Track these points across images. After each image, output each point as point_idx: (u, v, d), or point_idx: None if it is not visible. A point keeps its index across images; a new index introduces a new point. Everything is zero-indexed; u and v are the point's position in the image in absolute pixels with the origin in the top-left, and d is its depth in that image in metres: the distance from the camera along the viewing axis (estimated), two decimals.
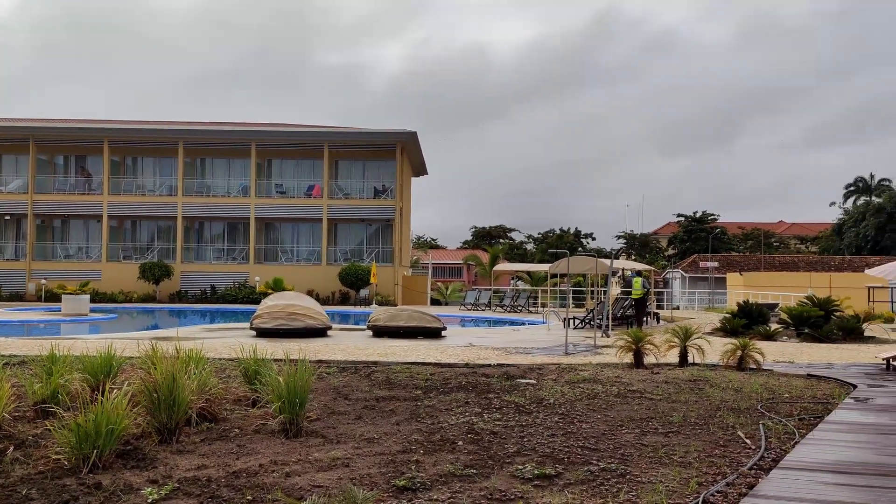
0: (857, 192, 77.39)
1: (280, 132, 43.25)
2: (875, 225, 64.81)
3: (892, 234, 63.34)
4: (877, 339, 19.34)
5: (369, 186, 43.81)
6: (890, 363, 12.93)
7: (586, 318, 21.97)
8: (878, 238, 64.13)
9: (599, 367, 12.72)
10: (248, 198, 42.38)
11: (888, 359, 13.05)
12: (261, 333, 18.09)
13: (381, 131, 42.41)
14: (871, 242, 64.36)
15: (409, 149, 43.60)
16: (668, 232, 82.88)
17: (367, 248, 43.60)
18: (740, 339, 13.85)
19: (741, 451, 6.92)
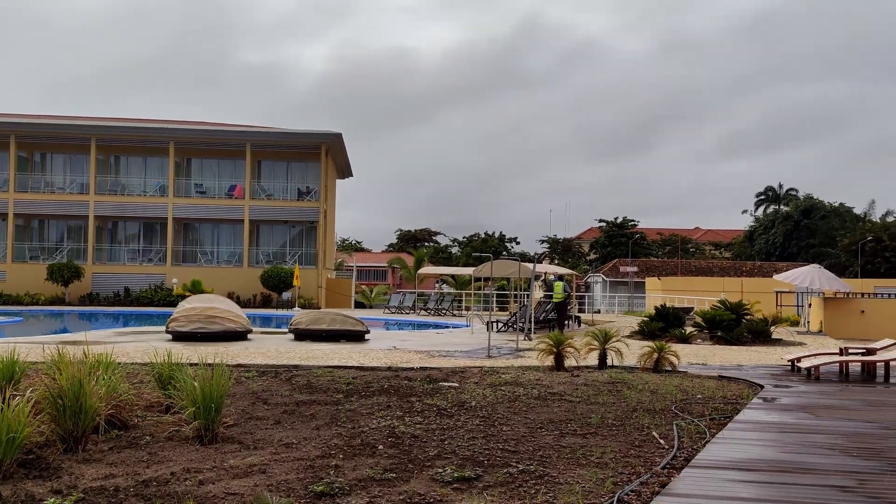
0: (767, 201, 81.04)
1: (200, 130, 42.15)
2: (783, 232, 67.94)
3: (798, 242, 66.53)
4: (783, 342, 20.22)
5: (293, 187, 43.17)
6: (794, 364, 13.53)
7: (509, 322, 22.20)
8: (785, 245, 67.25)
9: (521, 370, 12.85)
10: (166, 197, 41.13)
11: (793, 360, 13.66)
12: (177, 337, 17.55)
13: (305, 132, 41.87)
14: (780, 249, 67.44)
15: (333, 150, 43.20)
16: (590, 237, 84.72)
17: (291, 251, 42.95)
18: (657, 342, 14.27)
19: (655, 451, 7.09)
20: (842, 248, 58.92)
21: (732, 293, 36.16)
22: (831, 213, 68.22)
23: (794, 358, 13.77)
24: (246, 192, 41.44)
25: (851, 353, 13.75)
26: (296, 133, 41.98)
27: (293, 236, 43.88)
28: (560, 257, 77.17)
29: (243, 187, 41.73)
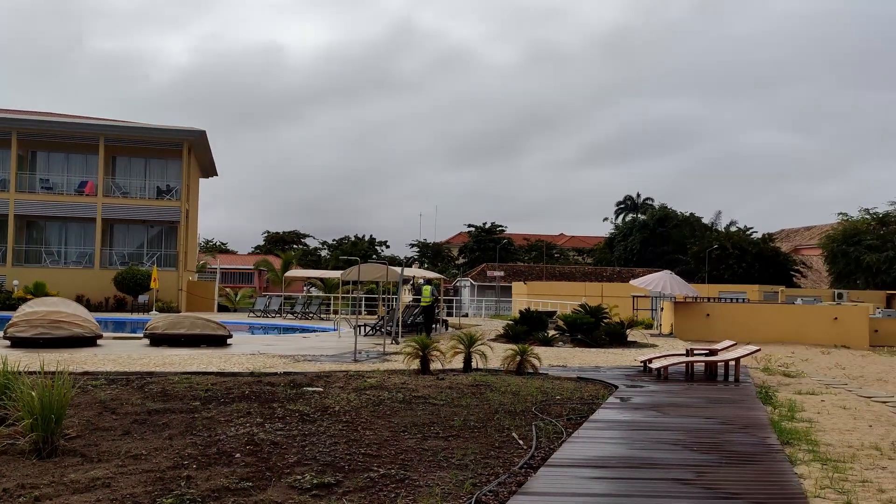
0: (627, 210, 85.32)
1: (47, 122, 39.22)
2: (640, 240, 71.77)
3: (654, 249, 70.46)
4: (638, 344, 21.31)
5: (152, 186, 41.08)
6: (646, 365, 14.28)
7: (377, 326, 22.14)
8: (642, 251, 71.06)
9: (387, 374, 12.82)
10: (7, 192, 37.96)
11: (645, 361, 14.41)
12: (17, 343, 16.25)
13: (165, 128, 39.93)
14: (637, 255, 71.17)
15: (196, 148, 41.50)
16: (459, 241, 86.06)
17: (149, 252, 40.84)
18: (520, 345, 14.63)
19: (515, 452, 7.25)
20: (691, 256, 62.87)
21: (593, 297, 37.78)
22: (683, 222, 72.74)
23: (646, 359, 14.52)
24: (99, 188, 39.02)
25: (696, 354, 14.69)
26: (155, 129, 39.96)
27: (152, 237, 41.76)
28: (430, 261, 77.86)
29: (95, 184, 39.27)
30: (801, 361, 17.94)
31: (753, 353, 14.40)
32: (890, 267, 52.66)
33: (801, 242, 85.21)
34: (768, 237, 68.35)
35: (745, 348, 14.36)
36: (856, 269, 55.02)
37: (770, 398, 11.30)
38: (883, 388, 13.22)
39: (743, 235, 65.31)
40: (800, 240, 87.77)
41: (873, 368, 16.73)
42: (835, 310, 26.58)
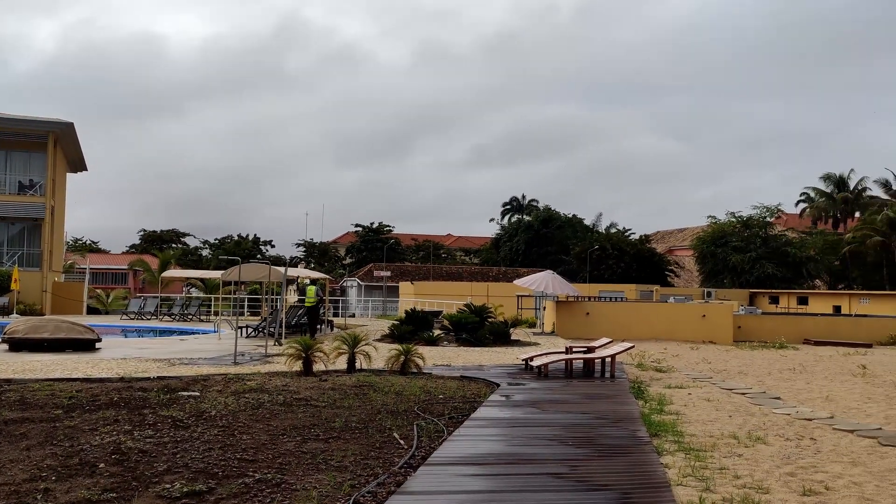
0: (512, 211, 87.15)
1: None
2: (525, 240, 73.50)
3: (538, 249, 72.32)
4: (521, 342, 21.78)
5: (13, 180, 38.33)
6: (528, 363, 14.61)
7: (259, 327, 21.59)
8: (527, 252, 72.80)
9: (268, 376, 12.52)
10: None
11: (526, 359, 14.75)
12: None
13: (28, 119, 37.33)
14: (523, 255, 72.84)
15: (64, 140, 39.08)
16: (346, 241, 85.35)
17: (9, 250, 38.10)
18: (405, 345, 14.64)
19: (396, 452, 7.24)
20: (574, 256, 65.01)
21: (479, 297, 38.36)
22: (566, 223, 75.06)
23: (527, 357, 14.86)
24: None
25: (575, 352, 15.17)
26: (17, 119, 37.29)
27: (13, 234, 38.98)
28: (316, 261, 76.79)
29: None
30: (673, 357, 18.86)
31: (628, 350, 15.02)
32: (753, 267, 56.34)
33: (675, 243, 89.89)
34: (645, 238, 71.68)
35: (620, 345, 14.96)
36: (723, 269, 58.53)
37: (642, 393, 11.81)
38: (743, 380, 14.09)
39: (622, 237, 68.18)
40: (674, 241, 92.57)
41: (735, 362, 17.81)
42: (703, 308, 28.13)
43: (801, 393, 12.46)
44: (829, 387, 13.30)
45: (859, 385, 13.56)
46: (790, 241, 59.90)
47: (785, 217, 70.66)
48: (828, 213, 72.17)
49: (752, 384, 13.51)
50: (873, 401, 11.52)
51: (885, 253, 59.05)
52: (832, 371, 16.10)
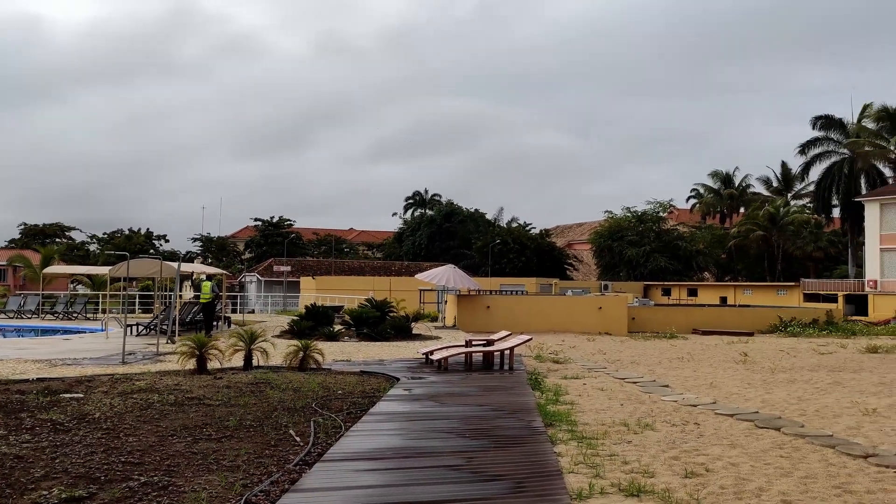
0: (415, 205, 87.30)
1: None
2: (428, 234, 73.81)
3: (440, 243, 72.79)
4: (422, 337, 21.85)
5: None
6: (428, 357, 14.66)
7: (151, 325, 20.76)
8: (430, 246, 73.14)
9: (159, 376, 12.05)
10: None
11: (427, 353, 14.79)
12: None
13: None
14: (425, 250, 73.13)
15: None
16: (245, 235, 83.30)
17: None
18: (304, 340, 14.41)
19: (291, 449, 7.10)
20: (476, 250, 65.82)
21: (382, 292, 38.25)
22: (468, 217, 75.86)
23: (427, 351, 14.91)
24: None
25: (475, 345, 15.34)
26: None
27: None
28: (214, 256, 74.59)
29: None
30: (570, 348, 19.37)
31: (526, 343, 15.30)
32: (647, 260, 58.62)
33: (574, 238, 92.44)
34: (545, 233, 73.41)
35: (518, 338, 15.23)
36: (619, 262, 60.66)
37: (539, 384, 12.06)
38: (635, 370, 14.62)
39: (523, 231, 69.53)
40: (573, 235, 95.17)
41: (629, 353, 18.47)
42: (599, 300, 29.03)
43: (689, 380, 13.03)
44: (713, 374, 13.97)
45: (740, 372, 14.31)
46: (681, 235, 62.68)
47: (677, 212, 73.86)
48: (715, 209, 75.91)
49: (644, 373, 14.03)
50: (752, 386, 12.18)
51: (767, 246, 62.68)
52: (717, 359, 16.93)
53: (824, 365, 15.53)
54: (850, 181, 57.26)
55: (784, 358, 17.14)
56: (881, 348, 19.39)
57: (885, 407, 9.99)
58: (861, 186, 57.03)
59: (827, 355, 17.90)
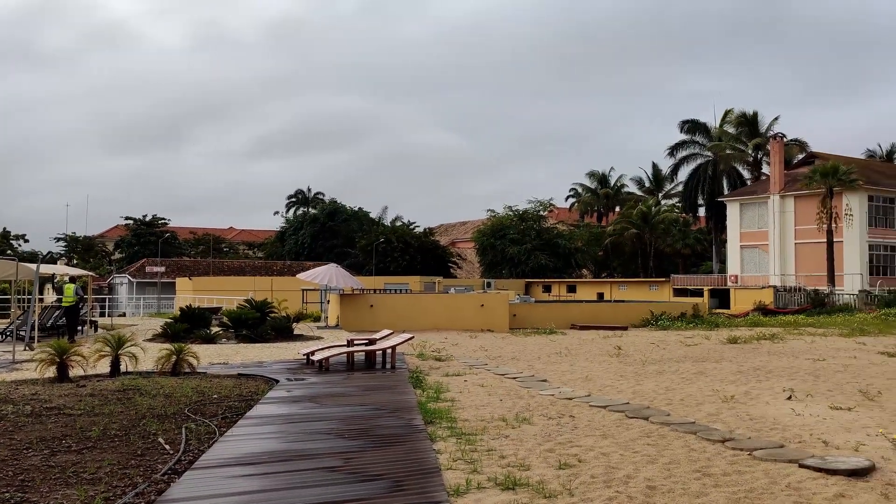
0: (298, 203, 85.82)
1: None
2: (311, 233, 72.70)
3: (324, 242, 71.86)
4: (304, 337, 21.45)
5: None
6: (309, 358, 14.41)
7: (7, 331, 19.32)
8: (313, 245, 72.06)
9: (14, 385, 11.24)
10: None
11: (308, 354, 14.53)
12: None
13: None
14: (308, 249, 71.99)
15: None
16: (115, 235, 79.16)
17: None
18: (178, 344, 13.83)
19: (160, 458, 6.78)
20: (360, 249, 65.38)
21: (263, 292, 37.33)
22: (352, 216, 75.29)
23: (309, 352, 14.66)
24: None
25: (357, 344, 15.21)
26: None
27: None
28: (80, 257, 70.41)
29: None
30: (452, 346, 19.55)
31: (408, 341, 15.31)
32: (528, 258, 60.13)
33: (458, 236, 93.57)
34: (430, 231, 73.88)
35: (400, 337, 15.22)
36: (502, 260, 61.88)
37: (421, 382, 12.09)
38: (515, 365, 14.93)
39: (407, 230, 69.67)
40: (457, 234, 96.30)
41: (510, 349, 18.85)
42: (482, 297, 29.48)
43: (566, 374, 13.42)
44: (589, 367, 14.47)
45: (614, 365, 14.90)
46: (561, 233, 64.70)
47: (556, 211, 76.23)
48: (593, 208, 78.92)
49: (524, 368, 14.35)
50: (624, 378, 12.70)
51: (640, 244, 65.75)
52: (593, 353, 17.55)
53: (690, 356, 16.40)
54: (714, 182, 60.99)
55: (654, 350, 17.97)
56: (740, 339, 20.70)
57: (742, 394, 10.65)
58: (724, 187, 60.85)
59: (693, 347, 18.92)
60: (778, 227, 47.72)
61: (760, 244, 49.21)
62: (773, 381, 11.97)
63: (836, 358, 15.61)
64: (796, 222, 47.01)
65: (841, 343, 19.54)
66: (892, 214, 46.67)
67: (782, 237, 47.63)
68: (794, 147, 58.18)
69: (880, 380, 12.17)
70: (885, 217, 46.38)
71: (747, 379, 12.35)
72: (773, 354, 16.51)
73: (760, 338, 21.05)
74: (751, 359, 15.57)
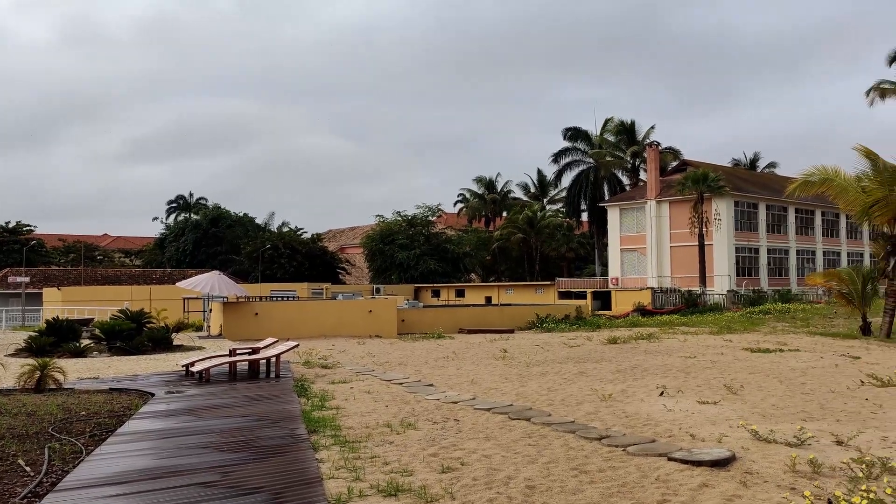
0: (179, 209, 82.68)
1: None
2: (193, 240, 70.19)
3: (207, 249, 69.55)
4: (184, 348, 20.63)
5: None
6: (188, 369, 13.87)
7: None
8: (195, 252, 69.59)
9: None
10: None
11: (187, 365, 13.99)
12: None
13: None
14: (190, 256, 69.46)
15: None
16: None
17: None
18: (43, 359, 12.99)
19: (19, 481, 6.34)
20: (245, 256, 63.66)
21: (141, 301, 35.71)
22: (237, 222, 73.23)
23: (188, 363, 14.11)
24: None
25: (239, 354, 14.77)
26: None
27: None
28: None
29: None
30: (339, 353, 19.33)
31: (294, 349, 15.03)
32: (417, 263, 60.38)
33: (347, 242, 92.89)
34: (318, 237, 72.84)
35: (285, 345, 14.91)
36: (391, 265, 61.83)
37: (306, 390, 11.87)
38: (402, 371, 14.93)
39: (295, 236, 68.45)
40: (345, 239, 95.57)
41: (397, 354, 18.83)
42: (370, 303, 29.35)
43: (452, 378, 13.53)
44: (475, 371, 14.65)
45: (500, 367, 15.15)
46: (449, 238, 65.37)
47: (445, 216, 76.94)
48: (480, 213, 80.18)
49: (411, 374, 14.36)
50: (509, 380, 12.94)
51: (526, 248, 67.36)
52: (479, 356, 17.79)
53: (572, 357, 16.91)
54: (596, 188, 63.40)
55: (539, 352, 18.42)
56: (620, 339, 21.55)
57: (619, 392, 11.08)
58: (605, 193, 63.33)
59: (575, 348, 19.52)
60: (655, 231, 50.07)
61: (639, 247, 51.46)
62: (647, 379, 12.52)
63: (706, 355, 16.51)
64: (671, 226, 49.48)
65: (710, 341, 20.68)
66: (756, 219, 49.93)
67: (659, 241, 50.01)
68: (669, 155, 61.26)
69: (743, 374, 12.97)
70: (749, 221, 49.55)
71: (625, 378, 12.86)
72: (650, 353, 17.28)
73: (638, 338, 21.98)
74: (629, 358, 16.23)
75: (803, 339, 20.80)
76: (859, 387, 11.38)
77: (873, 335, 21.15)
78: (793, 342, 19.59)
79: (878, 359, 15.51)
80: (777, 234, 51.15)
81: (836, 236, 55.60)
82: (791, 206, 51.51)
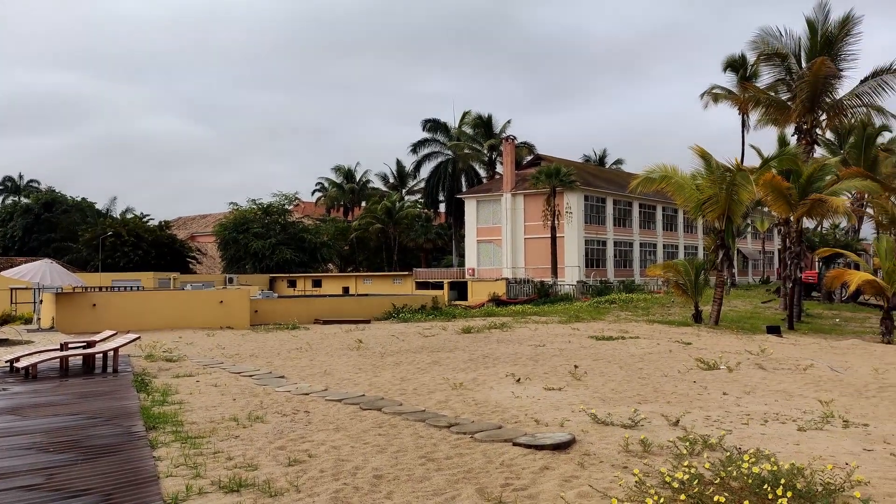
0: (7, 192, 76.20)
1: None
2: (23, 226, 64.87)
3: (39, 236, 64.51)
4: (10, 342, 19.02)
5: None
6: (13, 365, 12.78)
7: None
8: (26, 239, 64.37)
9: None
10: None
11: (11, 360, 12.88)
12: None
13: None
14: (20, 243, 64.17)
15: None
16: None
17: None
18: None
19: None
20: (83, 243, 59.53)
21: None
22: (73, 207, 68.38)
23: (12, 358, 12.99)
24: None
25: (73, 348, 13.78)
26: None
27: None
28: None
29: None
30: (187, 345, 18.49)
31: (135, 341, 14.21)
32: (273, 252, 58.89)
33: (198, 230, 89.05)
34: (165, 224, 69.36)
35: (124, 338, 14.07)
36: (245, 254, 59.93)
37: (146, 385, 11.26)
38: (253, 363, 14.48)
39: (139, 222, 64.77)
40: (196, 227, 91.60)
41: (249, 346, 18.26)
42: (220, 294, 28.25)
43: (305, 370, 13.29)
44: (329, 362, 14.46)
45: (354, 358, 15.05)
46: (307, 227, 64.22)
47: (302, 205, 75.54)
48: (339, 202, 79.39)
49: (262, 366, 13.97)
50: (363, 371, 12.87)
51: (385, 238, 67.38)
52: (334, 347, 17.59)
53: (427, 347, 17.08)
54: (454, 179, 64.43)
55: (394, 342, 18.46)
56: (473, 329, 22.01)
57: (470, 381, 11.30)
58: (462, 184, 64.47)
59: (430, 338, 19.73)
60: (510, 223, 51.56)
61: (495, 239, 52.81)
62: (498, 367, 12.85)
63: (554, 343, 17.19)
64: (526, 219, 51.13)
65: (559, 329, 21.56)
66: (604, 213, 52.57)
67: (514, 232, 51.54)
68: (524, 149, 63.20)
69: (587, 361, 13.60)
70: (598, 215, 52.10)
71: (476, 366, 13.13)
72: (502, 342, 17.76)
73: (492, 327, 22.54)
74: (481, 347, 16.60)
75: (643, 326, 22.13)
76: (689, 371, 12.24)
77: (704, 322, 22.86)
78: (634, 330, 20.80)
79: (706, 344, 16.77)
80: (623, 227, 54.10)
81: (675, 230, 59.60)
82: (636, 202, 54.61)
